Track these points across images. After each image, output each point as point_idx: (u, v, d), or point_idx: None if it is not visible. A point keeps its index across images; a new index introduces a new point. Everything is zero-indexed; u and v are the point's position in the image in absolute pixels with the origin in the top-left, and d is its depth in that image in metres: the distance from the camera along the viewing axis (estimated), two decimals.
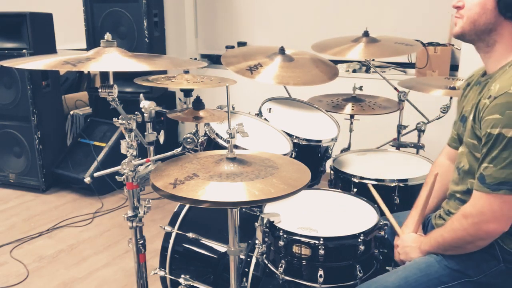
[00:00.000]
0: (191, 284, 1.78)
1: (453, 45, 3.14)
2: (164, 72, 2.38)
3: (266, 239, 1.50)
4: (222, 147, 1.79)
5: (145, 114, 1.52)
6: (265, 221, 1.48)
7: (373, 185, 1.84)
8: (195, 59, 4.24)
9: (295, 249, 1.40)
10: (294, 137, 1.99)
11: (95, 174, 1.53)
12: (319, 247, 1.36)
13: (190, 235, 1.78)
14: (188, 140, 1.57)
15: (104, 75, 3.62)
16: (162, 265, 1.88)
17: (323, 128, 2.17)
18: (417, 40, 2.54)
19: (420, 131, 2.43)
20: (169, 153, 1.57)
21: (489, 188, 1.20)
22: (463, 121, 1.41)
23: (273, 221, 1.46)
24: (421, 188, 1.58)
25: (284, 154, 1.84)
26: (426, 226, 1.56)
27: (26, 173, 3.53)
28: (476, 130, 1.27)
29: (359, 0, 3.47)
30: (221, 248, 1.77)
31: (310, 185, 1.82)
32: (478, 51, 1.34)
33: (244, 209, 1.78)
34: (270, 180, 1.21)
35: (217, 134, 1.84)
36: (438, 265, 1.33)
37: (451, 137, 1.57)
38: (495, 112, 1.18)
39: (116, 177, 1.47)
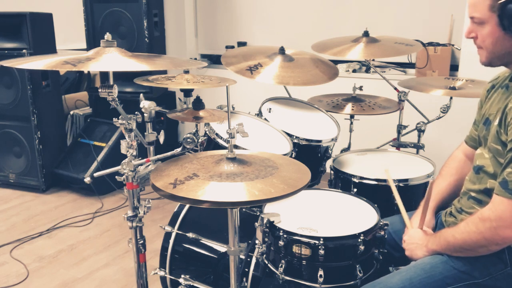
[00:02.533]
0: (191, 284, 1.78)
1: (453, 45, 3.14)
2: (164, 72, 2.38)
3: (266, 239, 1.50)
4: (222, 147, 1.79)
5: (145, 114, 1.52)
6: (265, 221, 1.47)
7: (373, 185, 1.84)
8: (195, 59, 4.24)
9: (295, 249, 1.39)
10: (294, 137, 1.99)
11: (95, 174, 1.53)
12: (319, 247, 1.36)
13: (190, 235, 1.78)
14: (188, 140, 1.57)
15: (104, 75, 3.62)
16: (162, 265, 1.88)
17: (323, 128, 2.17)
18: (417, 40, 2.55)
19: (420, 131, 2.43)
20: (169, 153, 1.57)
21: (511, 194, 1.18)
22: (486, 124, 1.37)
23: (273, 221, 1.45)
24: (433, 182, 1.56)
25: (284, 154, 1.84)
26: (435, 222, 1.55)
27: (26, 173, 3.53)
28: (501, 136, 1.25)
29: (359, 0, 3.47)
30: (221, 248, 1.77)
31: (310, 185, 1.81)
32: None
33: (244, 209, 1.78)
34: (270, 180, 1.20)
35: (217, 134, 1.84)
36: (443, 266, 1.32)
37: (470, 136, 1.55)
38: None
39: (116, 177, 1.47)
